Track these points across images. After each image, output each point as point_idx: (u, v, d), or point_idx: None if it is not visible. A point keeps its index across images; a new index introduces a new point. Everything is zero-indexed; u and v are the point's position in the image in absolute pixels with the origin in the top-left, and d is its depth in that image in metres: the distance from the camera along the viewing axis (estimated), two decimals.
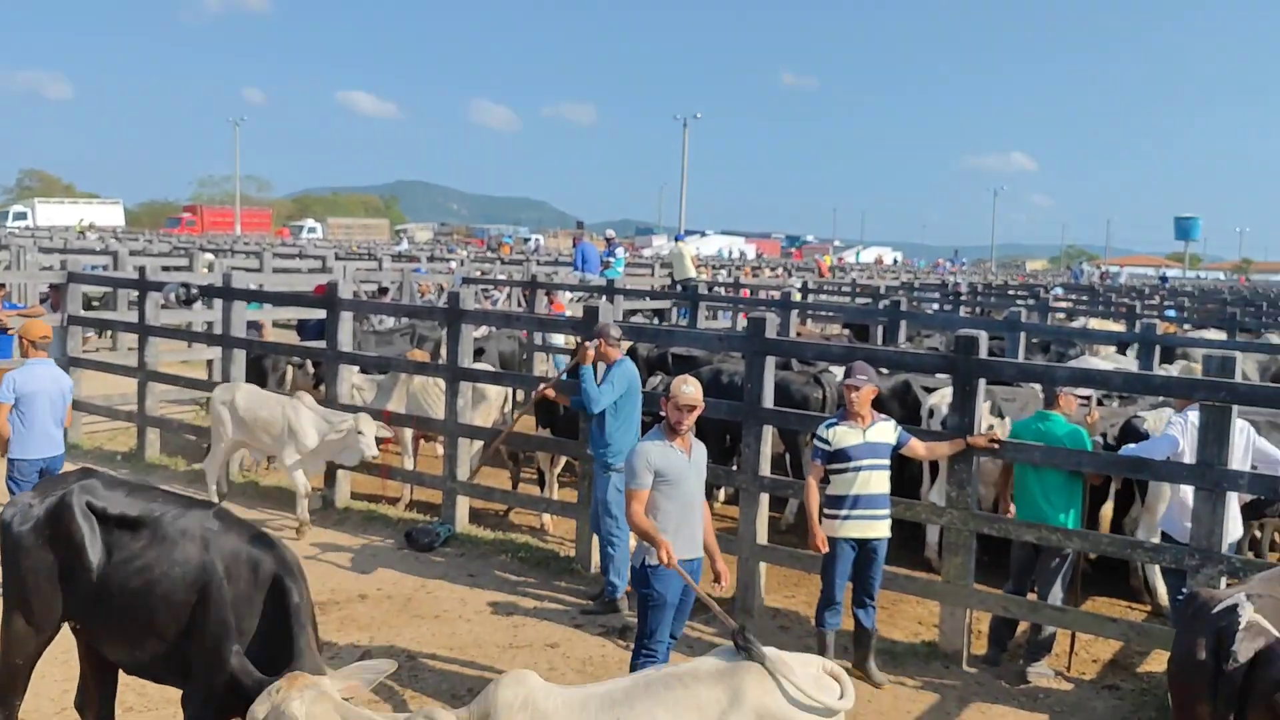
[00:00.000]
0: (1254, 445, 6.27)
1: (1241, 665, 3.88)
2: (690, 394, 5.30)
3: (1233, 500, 6.01)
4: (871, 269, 47.33)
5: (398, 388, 9.89)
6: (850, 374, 6.21)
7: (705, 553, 5.49)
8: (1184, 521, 6.19)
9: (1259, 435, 6.34)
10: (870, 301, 19.36)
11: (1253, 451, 6.24)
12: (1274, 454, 6.29)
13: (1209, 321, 18.81)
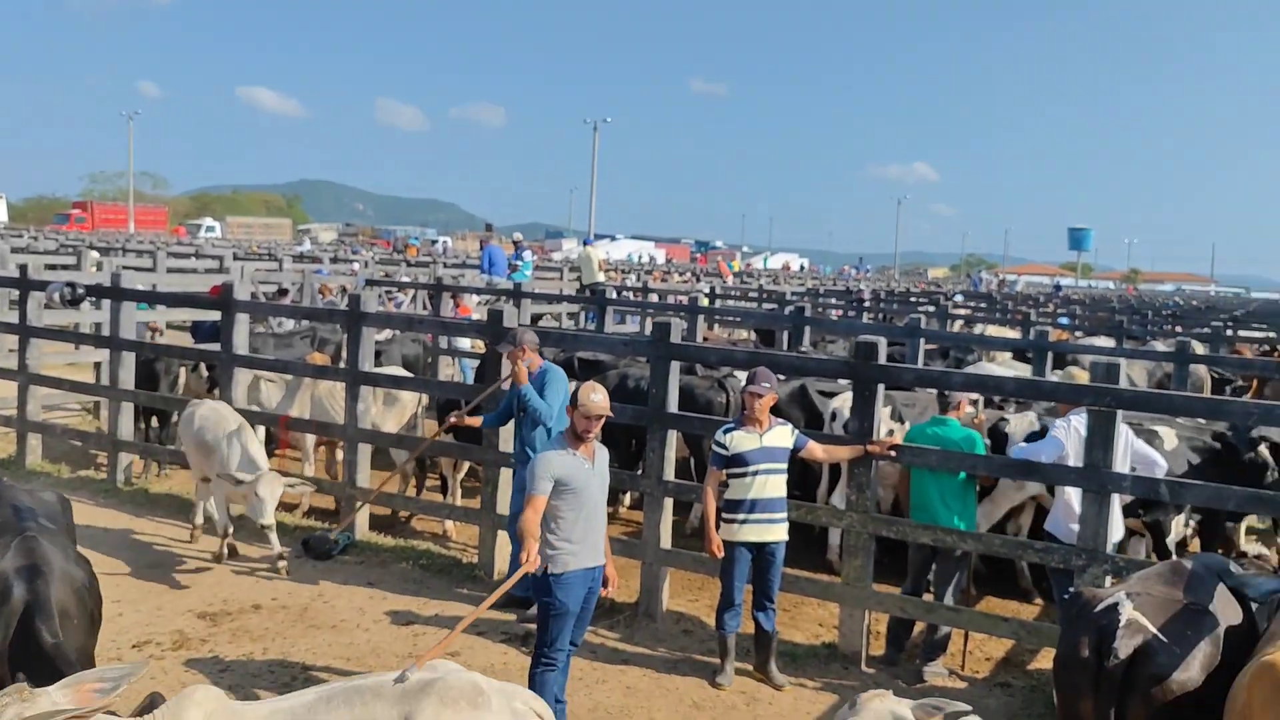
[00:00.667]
0: (1132, 448, 6.50)
1: (1121, 661, 4.02)
2: (600, 403, 5.26)
3: (1115, 502, 6.22)
4: (779, 275, 47.97)
5: (302, 391, 9.64)
6: (753, 380, 6.26)
7: None
8: (1069, 524, 6.38)
9: (1136, 438, 6.58)
10: (776, 307, 19.61)
11: (1131, 453, 6.47)
12: (1151, 455, 6.54)
13: (1099, 329, 19.49)
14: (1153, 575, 4.61)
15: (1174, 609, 4.20)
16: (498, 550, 7.80)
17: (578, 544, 5.21)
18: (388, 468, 10.94)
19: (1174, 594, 4.31)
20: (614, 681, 6.30)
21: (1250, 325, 24.96)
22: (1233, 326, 22.62)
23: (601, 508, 5.38)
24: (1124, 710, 4.04)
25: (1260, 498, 6.17)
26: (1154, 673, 3.99)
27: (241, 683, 5.92)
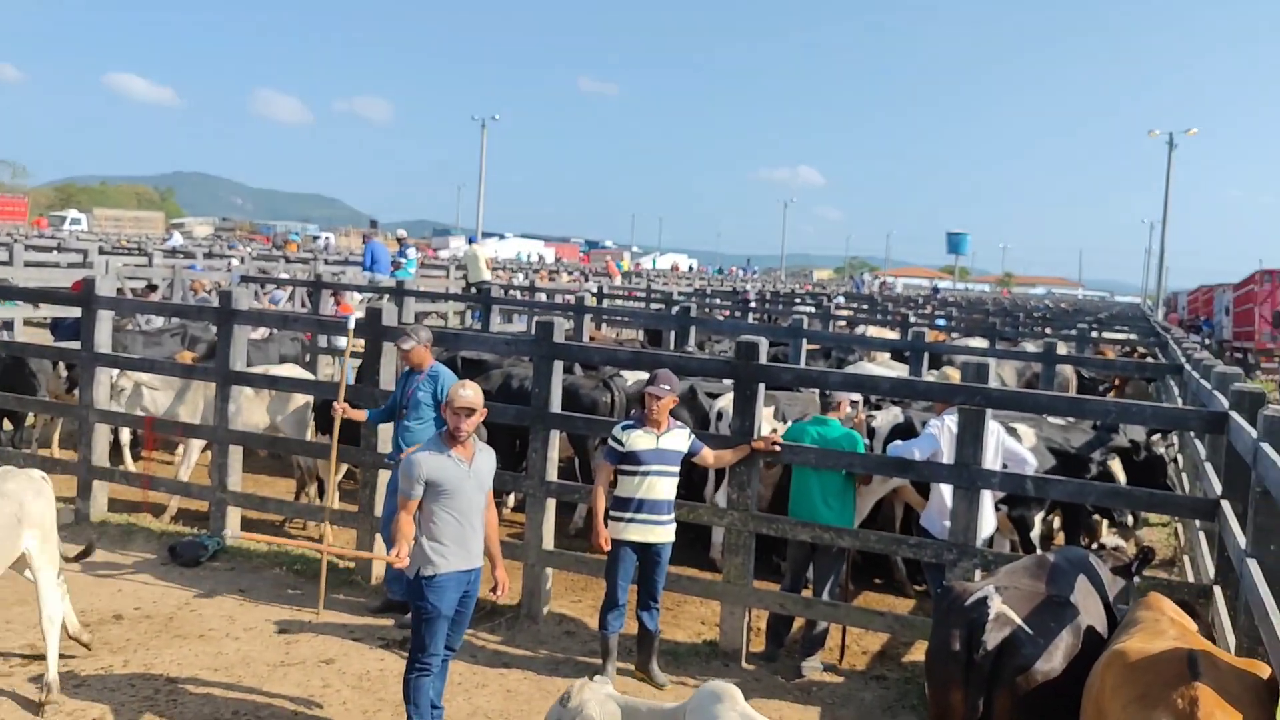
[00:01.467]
0: (1003, 445, 6.72)
1: (990, 653, 4.13)
2: (467, 397, 5.10)
3: (987, 498, 6.42)
4: (667, 275, 48.27)
5: (191, 392, 9.20)
6: (654, 382, 6.24)
7: (487, 559, 5.39)
8: (943, 520, 6.56)
9: (1007, 436, 6.81)
10: (663, 307, 19.70)
11: (1002, 451, 6.68)
12: (1021, 452, 6.77)
13: (974, 330, 20.16)
14: (1019, 569, 4.75)
15: (1038, 601, 4.33)
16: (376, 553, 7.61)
17: (450, 546, 5.09)
18: (263, 470, 10.64)
19: (1038, 587, 4.46)
20: (494, 685, 6.21)
21: (1113, 327, 26.17)
22: (1097, 329, 23.69)
23: (477, 510, 5.24)
24: (991, 700, 4.15)
25: (1118, 493, 6.44)
26: (1020, 664, 4.11)
27: (100, 698, 5.63)
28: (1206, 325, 43.10)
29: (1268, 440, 4.58)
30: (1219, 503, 5.75)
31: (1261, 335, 32.04)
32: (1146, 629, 3.88)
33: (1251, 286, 34.34)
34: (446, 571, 5.10)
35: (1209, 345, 38.74)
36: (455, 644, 5.41)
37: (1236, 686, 3.34)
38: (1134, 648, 3.64)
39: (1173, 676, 3.32)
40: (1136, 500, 6.56)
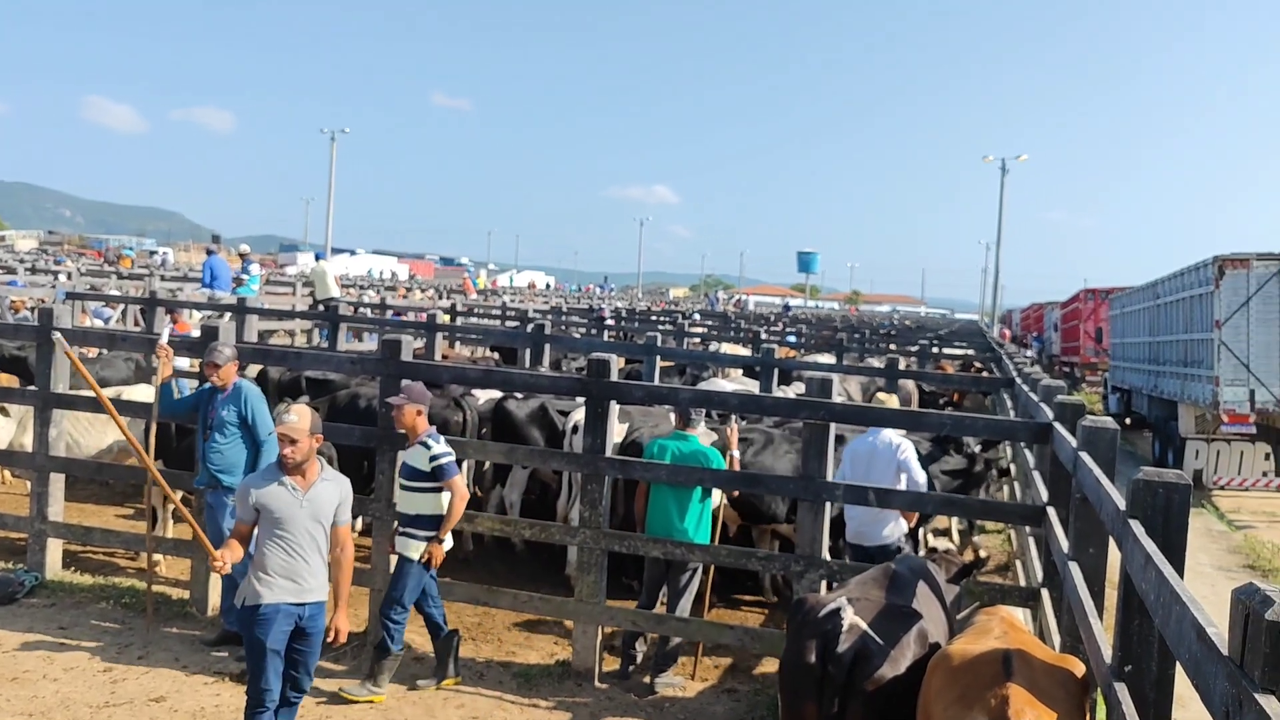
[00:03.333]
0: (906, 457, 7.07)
1: (843, 664, 4.20)
2: (289, 423, 4.83)
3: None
4: (524, 293, 48.01)
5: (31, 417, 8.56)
6: (408, 395, 6.27)
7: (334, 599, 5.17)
8: (881, 526, 7.13)
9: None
10: (519, 325, 19.56)
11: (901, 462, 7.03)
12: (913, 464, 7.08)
13: (822, 347, 20.74)
14: (868, 580, 4.87)
15: (887, 612, 4.44)
16: (212, 584, 7.26)
17: (275, 577, 4.84)
18: (88, 500, 10.02)
19: (886, 597, 4.57)
20: (338, 717, 5.98)
21: (953, 344, 27.34)
22: (938, 345, 24.69)
23: (313, 542, 4.95)
24: (844, 710, 4.23)
25: (953, 502, 6.70)
26: (871, 673, 4.20)
27: None
28: (1037, 341, 45.62)
29: (1086, 450, 4.82)
30: (1045, 509, 6.04)
31: (1086, 350, 34.08)
32: (975, 631, 4.03)
33: (1077, 304, 36.52)
34: (270, 603, 4.84)
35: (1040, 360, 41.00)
36: (302, 685, 5.13)
37: (1049, 683, 3.49)
38: (957, 650, 3.78)
39: (988, 676, 3.45)
40: (971, 509, 6.83)
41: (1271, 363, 15.50)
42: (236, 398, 6.70)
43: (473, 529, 7.32)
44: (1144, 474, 3.45)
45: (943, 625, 4.71)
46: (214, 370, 6.70)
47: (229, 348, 6.85)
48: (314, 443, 4.96)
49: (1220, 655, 2.11)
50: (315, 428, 4.96)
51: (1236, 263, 15.70)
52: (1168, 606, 2.60)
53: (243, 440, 6.71)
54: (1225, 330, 15.59)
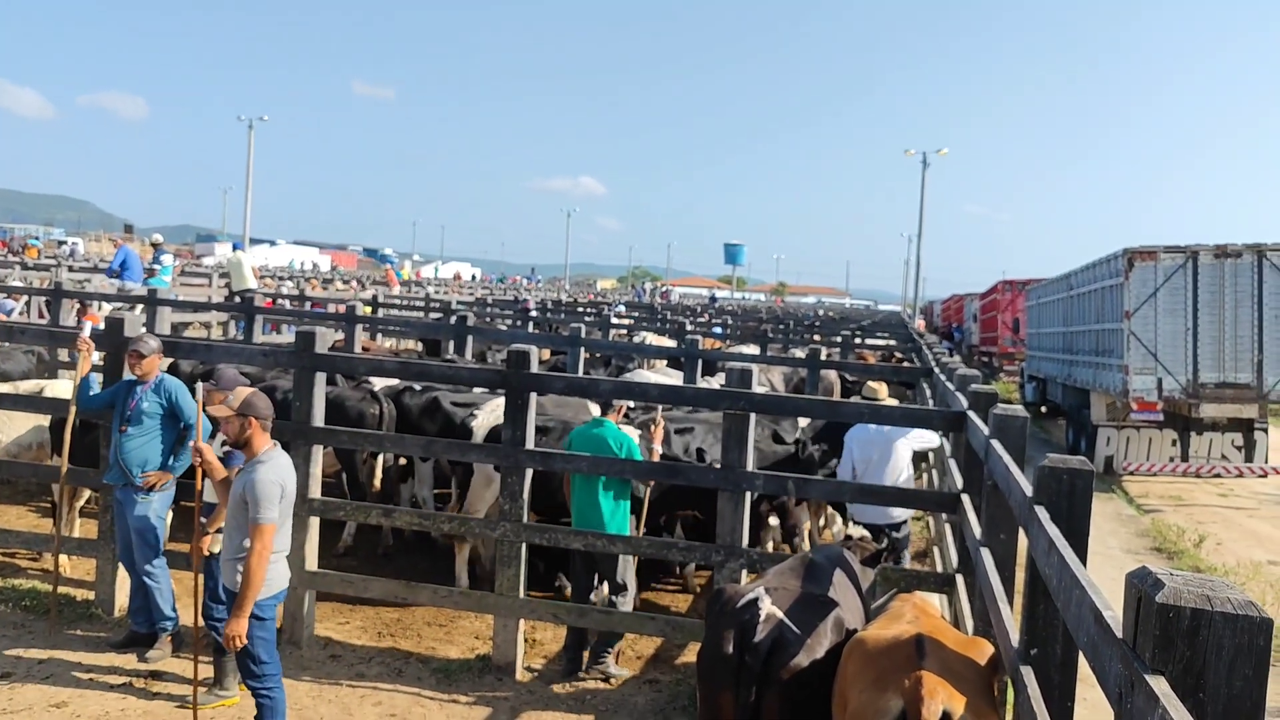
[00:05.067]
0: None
1: (760, 654, 4.21)
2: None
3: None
4: (449, 284, 47.49)
5: None
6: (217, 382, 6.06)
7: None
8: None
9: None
10: (442, 317, 19.32)
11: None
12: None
13: (747, 338, 20.87)
14: (786, 569, 4.89)
15: (804, 601, 4.47)
16: (119, 584, 7.04)
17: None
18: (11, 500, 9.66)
19: (803, 586, 4.60)
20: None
21: (875, 334, 27.74)
22: (861, 336, 25.04)
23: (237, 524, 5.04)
24: (760, 700, 4.24)
25: (870, 490, 6.77)
26: (787, 662, 4.21)
27: None
28: (958, 332, 46.56)
29: (997, 438, 4.91)
30: (959, 496, 6.14)
31: (1004, 340, 34.87)
32: (888, 617, 4.08)
33: (995, 296, 37.36)
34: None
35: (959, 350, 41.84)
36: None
37: (959, 665, 3.55)
38: (871, 635, 3.82)
39: (902, 660, 3.50)
40: (888, 496, 6.91)
41: (1178, 352, 16.01)
42: (159, 390, 6.52)
43: (390, 524, 7.21)
44: (1049, 461, 3.51)
45: (859, 612, 4.75)
46: (138, 361, 6.50)
47: (155, 339, 6.68)
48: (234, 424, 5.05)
49: (1115, 638, 2.14)
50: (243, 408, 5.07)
51: (1145, 255, 16.18)
52: (1068, 591, 2.64)
53: (161, 434, 6.53)
54: (1134, 320, 16.06)
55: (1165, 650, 1.91)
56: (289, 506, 5.19)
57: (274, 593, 5.17)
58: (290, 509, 5.22)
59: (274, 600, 5.20)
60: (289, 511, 5.22)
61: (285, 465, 5.18)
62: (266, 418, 5.21)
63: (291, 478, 5.20)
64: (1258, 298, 15.81)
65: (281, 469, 5.12)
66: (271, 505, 4.97)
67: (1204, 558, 11.79)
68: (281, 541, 5.18)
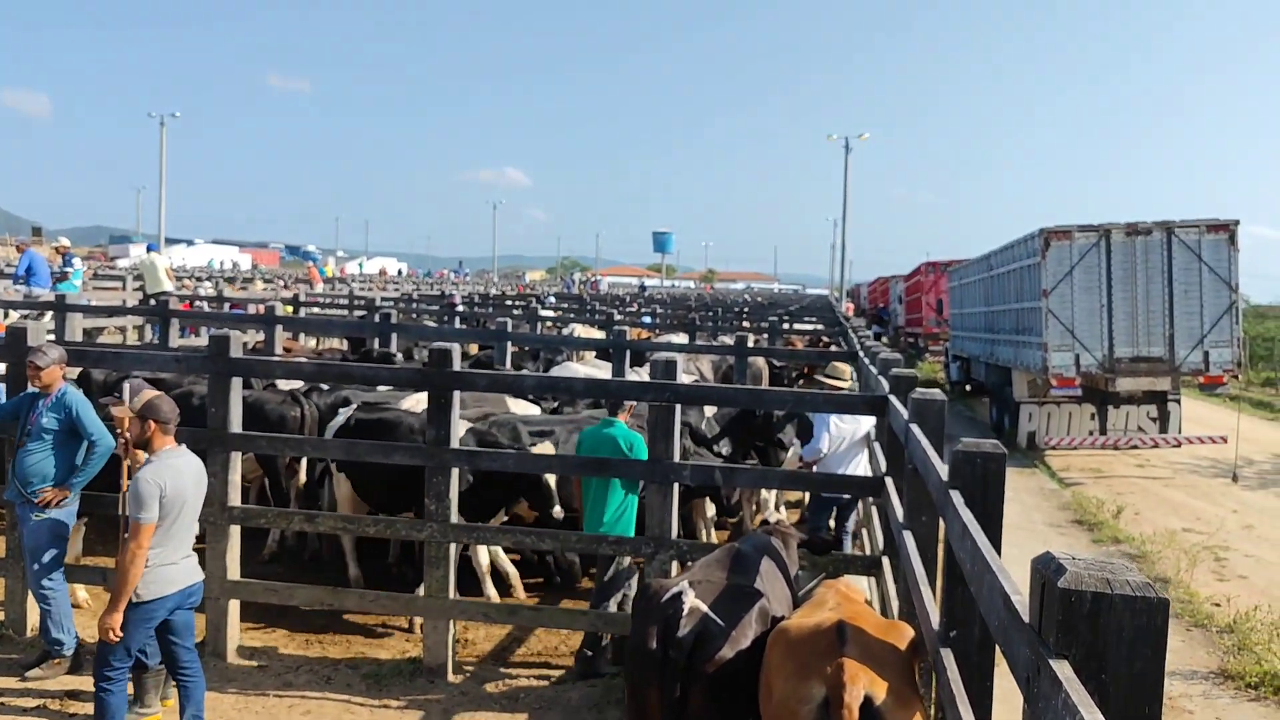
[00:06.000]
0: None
1: (685, 649, 4.21)
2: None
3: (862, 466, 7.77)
4: (374, 280, 46.84)
5: None
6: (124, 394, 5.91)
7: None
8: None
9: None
10: (366, 314, 19.05)
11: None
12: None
13: (677, 327, 20.93)
14: (713, 561, 4.90)
15: (730, 592, 4.47)
16: (29, 604, 6.80)
17: None
18: None
19: (729, 577, 4.60)
20: None
21: (803, 319, 28.03)
22: (789, 321, 25.28)
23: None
24: (686, 694, 4.24)
25: (796, 477, 6.83)
26: (712, 655, 4.22)
27: None
28: (884, 313, 47.26)
29: (916, 421, 4.97)
30: (884, 479, 6.22)
31: (928, 321, 35.48)
32: (811, 604, 4.11)
33: (919, 277, 37.98)
34: None
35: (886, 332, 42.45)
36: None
37: (881, 650, 3.59)
38: (794, 624, 3.84)
39: (824, 648, 3.53)
40: (814, 482, 6.97)
41: (1094, 328, 16.43)
42: (60, 403, 6.26)
43: (314, 529, 7.07)
44: (963, 445, 3.56)
45: (786, 600, 4.78)
46: (36, 373, 6.23)
47: (55, 349, 6.39)
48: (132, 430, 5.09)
49: (1022, 623, 2.17)
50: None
51: (1060, 235, 16.56)
52: (981, 575, 2.68)
53: (60, 450, 6.27)
54: (1052, 299, 16.44)
55: (1068, 634, 1.94)
56: (177, 510, 5.09)
57: (160, 595, 5.08)
58: (181, 513, 5.13)
59: (160, 603, 5.10)
60: (181, 515, 5.14)
61: (174, 467, 5.10)
62: (167, 421, 5.20)
63: (180, 480, 5.11)
64: (1168, 274, 16.29)
65: (165, 470, 5.05)
66: (147, 505, 4.94)
67: (1123, 528, 12.14)
68: (170, 548, 5.11)
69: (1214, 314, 16.23)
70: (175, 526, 5.10)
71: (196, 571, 5.35)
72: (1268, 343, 34.47)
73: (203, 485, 5.41)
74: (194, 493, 5.22)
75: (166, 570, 5.11)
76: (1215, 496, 14.78)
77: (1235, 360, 16.47)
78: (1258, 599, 9.28)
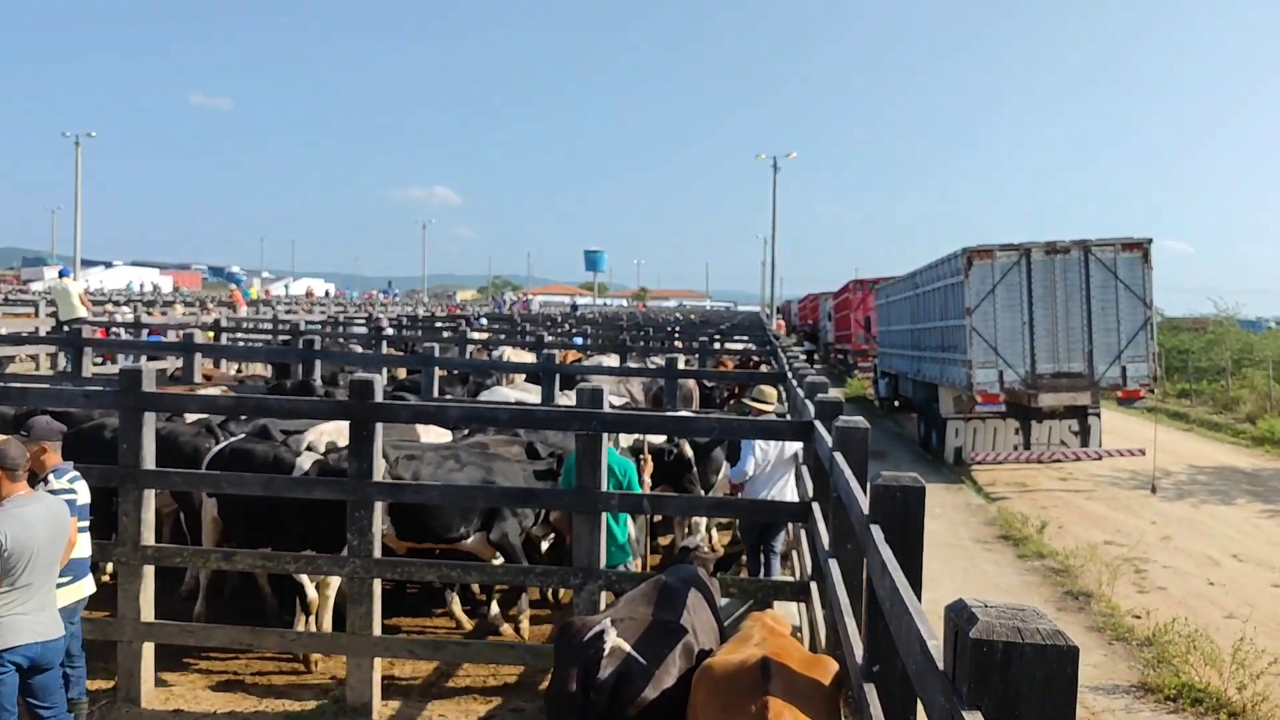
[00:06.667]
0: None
1: (605, 690, 4.14)
2: None
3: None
4: (301, 302, 46.01)
5: None
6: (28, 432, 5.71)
7: None
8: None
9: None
10: (290, 339, 18.67)
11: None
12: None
13: (607, 348, 20.85)
14: (637, 596, 4.84)
15: (654, 629, 4.41)
16: None
17: None
18: None
19: (654, 613, 4.54)
20: None
21: (733, 337, 28.18)
22: (720, 340, 25.38)
23: None
24: None
25: (724, 504, 6.81)
26: (634, 697, 4.14)
27: None
28: (815, 330, 47.77)
29: (840, 450, 4.98)
30: (810, 505, 6.22)
31: (857, 338, 35.90)
32: (737, 640, 4.08)
33: (847, 294, 38.46)
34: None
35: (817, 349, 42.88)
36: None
37: (805, 686, 3.58)
38: (719, 661, 3.81)
39: (748, 685, 3.50)
40: (742, 509, 6.96)
41: (1017, 345, 16.78)
42: None
43: (232, 567, 6.87)
44: (883, 479, 3.56)
45: (713, 631, 4.74)
46: None
47: None
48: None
49: (937, 670, 2.16)
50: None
51: (983, 254, 16.90)
52: (899, 616, 2.66)
53: None
54: (975, 316, 16.76)
55: (981, 684, 1.93)
56: (24, 562, 4.87)
57: (9, 645, 4.84)
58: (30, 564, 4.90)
59: (9, 654, 4.85)
60: (31, 567, 4.91)
61: (18, 517, 4.91)
62: (14, 468, 5.03)
63: (27, 531, 4.90)
64: (1086, 291, 16.72)
65: (8, 521, 4.86)
66: None
67: (1047, 543, 12.36)
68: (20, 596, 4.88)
69: (1130, 329, 16.68)
70: (24, 577, 4.88)
71: (57, 625, 5.10)
72: (1182, 355, 35.56)
73: (60, 532, 5.13)
74: (46, 542, 4.97)
75: (16, 620, 4.86)
76: (1135, 508, 15.15)
77: (1151, 374, 16.93)
78: (1175, 610, 9.50)
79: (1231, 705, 7.37)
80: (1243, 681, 7.43)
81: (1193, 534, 13.44)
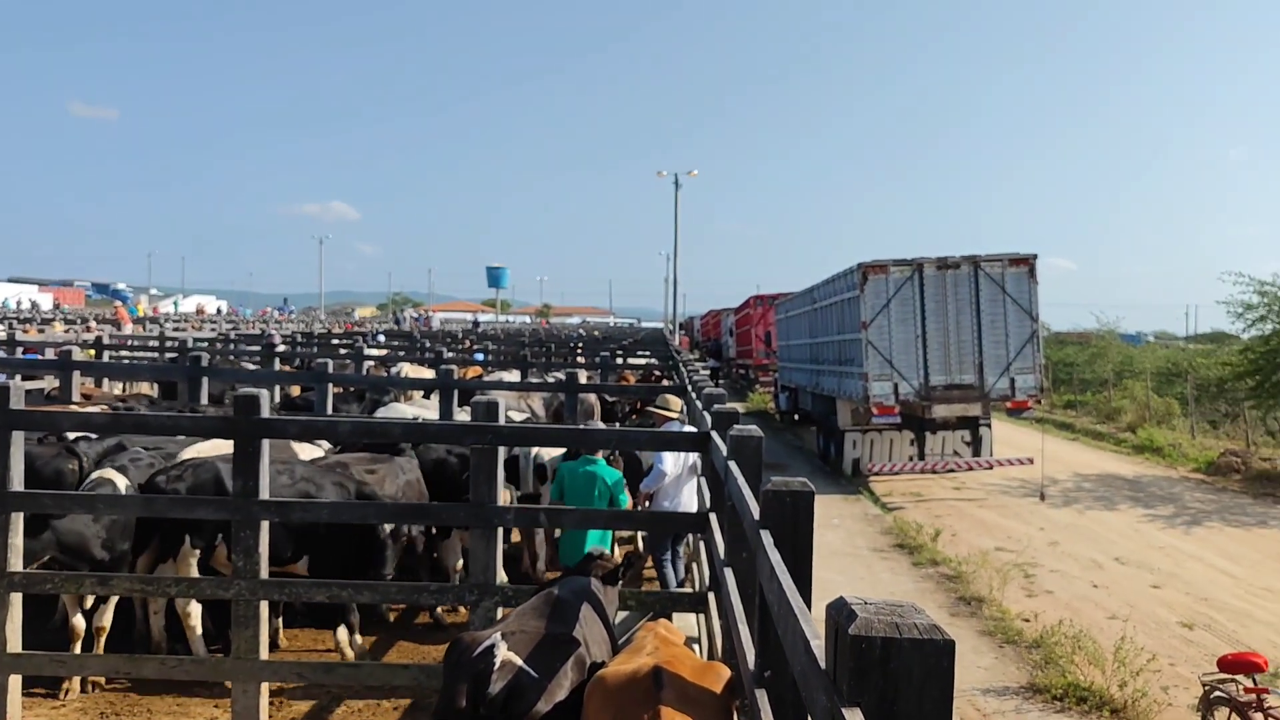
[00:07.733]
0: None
1: (496, 705, 4.05)
2: None
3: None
4: (190, 319, 44.58)
5: None
6: None
7: None
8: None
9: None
10: (178, 356, 18.04)
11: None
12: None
13: (509, 363, 20.69)
14: (529, 610, 4.76)
15: (546, 642, 4.34)
16: None
17: None
18: None
19: (546, 626, 4.47)
20: None
21: (636, 353, 28.25)
22: (623, 355, 25.42)
23: None
24: None
25: (620, 515, 6.78)
26: (525, 710, 4.07)
27: None
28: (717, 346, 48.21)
29: (735, 458, 4.98)
30: (708, 515, 6.23)
31: (758, 353, 36.36)
32: (629, 650, 4.04)
33: (748, 310, 38.94)
34: None
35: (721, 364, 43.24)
36: None
37: (698, 694, 3.56)
38: (611, 672, 3.77)
39: (640, 694, 3.47)
40: (638, 520, 6.94)
41: (911, 358, 17.18)
42: None
43: (109, 592, 6.56)
44: (772, 485, 3.56)
45: (606, 644, 4.69)
46: None
47: None
48: None
49: (819, 669, 2.15)
50: None
51: (877, 269, 17.28)
52: (785, 619, 2.66)
53: None
54: (871, 330, 17.12)
55: (860, 681, 1.92)
56: None
57: None
58: None
59: None
60: None
61: None
62: None
63: None
64: (975, 305, 17.22)
65: None
66: None
67: (941, 550, 12.64)
68: None
69: (1018, 342, 17.24)
70: None
71: None
72: (1068, 368, 36.95)
73: None
74: None
75: None
76: (1024, 515, 15.62)
77: (1039, 385, 17.51)
78: (1062, 613, 9.79)
79: (1114, 702, 7.62)
80: (1124, 679, 7.68)
81: (1079, 539, 13.90)
